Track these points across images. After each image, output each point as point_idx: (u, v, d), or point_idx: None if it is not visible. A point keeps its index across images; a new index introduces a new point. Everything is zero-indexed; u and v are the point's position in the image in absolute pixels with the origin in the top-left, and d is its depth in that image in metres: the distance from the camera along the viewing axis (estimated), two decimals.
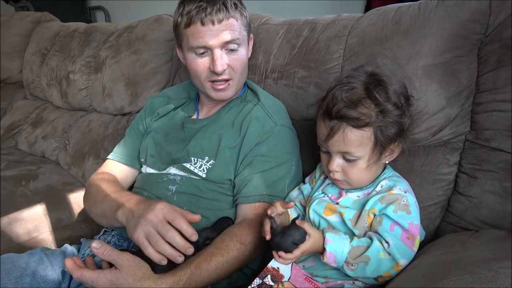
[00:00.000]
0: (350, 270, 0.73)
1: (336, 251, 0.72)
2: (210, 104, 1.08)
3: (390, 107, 0.75)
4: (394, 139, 0.78)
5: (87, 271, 0.74)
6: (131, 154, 1.12)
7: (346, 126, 0.75)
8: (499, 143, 0.85)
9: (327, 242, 0.72)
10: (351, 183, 0.80)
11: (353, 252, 0.72)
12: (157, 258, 0.74)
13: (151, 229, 0.75)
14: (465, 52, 0.90)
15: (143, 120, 1.16)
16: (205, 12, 0.90)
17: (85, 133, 1.59)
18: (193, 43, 0.93)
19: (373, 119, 0.74)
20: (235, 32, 0.94)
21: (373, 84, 0.76)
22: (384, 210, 0.75)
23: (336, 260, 0.72)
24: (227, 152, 0.96)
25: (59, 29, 1.92)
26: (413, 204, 0.77)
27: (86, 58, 1.67)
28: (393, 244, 0.72)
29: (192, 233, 0.75)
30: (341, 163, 0.79)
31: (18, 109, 1.93)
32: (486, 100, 0.88)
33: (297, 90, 1.11)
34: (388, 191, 0.78)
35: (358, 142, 0.75)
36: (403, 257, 0.72)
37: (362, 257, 0.72)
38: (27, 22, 2.05)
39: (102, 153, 1.47)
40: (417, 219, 0.76)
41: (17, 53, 2.02)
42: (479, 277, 0.54)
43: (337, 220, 0.80)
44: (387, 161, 0.82)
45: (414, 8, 0.97)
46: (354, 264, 0.72)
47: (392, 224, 0.74)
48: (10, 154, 1.69)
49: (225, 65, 0.95)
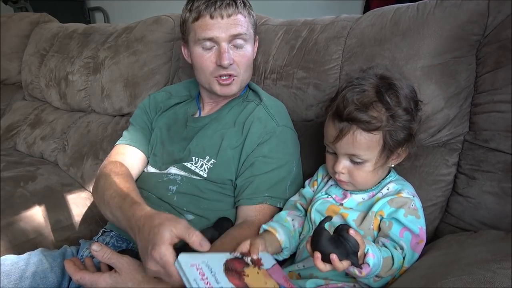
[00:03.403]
0: (375, 281, 0.70)
1: (374, 266, 0.66)
2: (212, 102, 1.08)
3: (400, 111, 0.75)
4: (402, 144, 0.77)
5: (87, 274, 0.74)
6: (142, 140, 1.09)
7: (356, 129, 0.74)
8: (497, 143, 0.86)
9: (370, 258, 0.65)
10: (356, 185, 0.80)
11: (385, 265, 0.68)
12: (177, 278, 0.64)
13: (160, 269, 0.66)
14: (463, 53, 0.91)
15: (148, 113, 1.13)
16: (215, 6, 0.92)
17: (84, 134, 1.59)
18: (201, 35, 0.94)
19: (384, 123, 0.74)
20: (243, 27, 0.95)
21: (385, 88, 0.75)
22: (394, 214, 0.75)
23: (370, 274, 0.66)
24: (229, 152, 0.96)
25: (58, 30, 1.91)
26: (421, 209, 0.77)
27: (85, 59, 1.67)
28: (406, 248, 0.72)
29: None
30: (347, 165, 0.78)
31: (17, 110, 1.93)
32: (485, 101, 0.89)
33: (296, 91, 1.11)
34: (397, 194, 0.77)
35: (367, 145, 0.75)
36: (410, 261, 0.72)
37: (392, 270, 0.70)
38: (26, 23, 2.04)
39: (100, 154, 1.47)
40: (424, 224, 0.76)
41: (16, 54, 2.01)
42: (477, 278, 0.54)
43: (339, 221, 0.80)
44: (393, 165, 0.82)
45: (413, 9, 0.97)
46: (382, 277, 0.69)
47: (402, 229, 0.73)
48: (8, 155, 1.69)
49: (231, 59, 0.95)
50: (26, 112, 1.89)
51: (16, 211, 1.23)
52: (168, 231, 0.66)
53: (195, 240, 0.65)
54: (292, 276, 0.83)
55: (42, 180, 1.42)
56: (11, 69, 2.03)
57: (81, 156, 1.53)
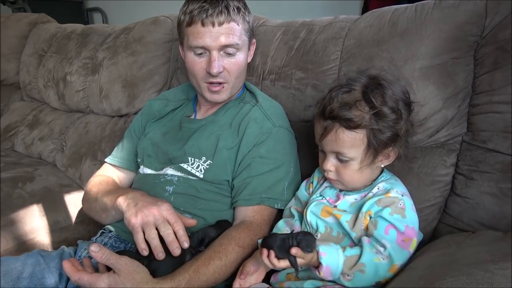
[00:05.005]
0: (347, 280, 0.72)
1: (332, 264, 0.71)
2: (208, 105, 1.08)
3: (386, 110, 0.75)
4: (388, 144, 0.77)
5: (85, 275, 0.74)
6: (128, 158, 1.13)
7: (339, 127, 0.75)
8: (495, 144, 0.86)
9: (321, 256, 0.71)
10: (344, 183, 0.81)
11: (348, 262, 0.72)
12: (141, 246, 0.76)
13: (151, 220, 0.77)
14: (461, 54, 0.91)
15: (140, 122, 1.16)
16: (207, 13, 0.91)
17: (82, 135, 1.59)
18: (192, 43, 0.94)
19: (366, 122, 0.74)
20: (235, 36, 0.94)
21: (371, 87, 0.76)
22: (380, 213, 0.75)
23: (332, 273, 0.71)
24: (225, 153, 0.96)
25: (56, 30, 1.91)
26: (410, 208, 0.77)
27: (83, 59, 1.67)
28: (389, 247, 0.72)
29: (185, 241, 0.77)
30: (335, 163, 0.80)
31: (15, 111, 1.93)
32: (483, 101, 0.89)
33: (295, 91, 1.12)
34: (385, 193, 0.78)
35: (350, 143, 0.76)
36: (400, 258, 0.72)
37: (358, 265, 0.71)
38: (24, 24, 2.04)
39: (99, 155, 1.47)
40: (413, 222, 0.76)
41: (14, 54, 2.01)
42: (476, 278, 0.54)
43: (333, 221, 0.80)
44: (383, 165, 0.82)
45: (411, 10, 0.98)
46: (350, 274, 0.72)
47: (387, 226, 0.74)
48: (6, 155, 1.68)
49: (221, 67, 0.95)
50: (24, 112, 1.89)
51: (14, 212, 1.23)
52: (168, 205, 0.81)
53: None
54: (291, 278, 0.84)
55: (40, 181, 1.42)
56: (9, 70, 2.03)
57: (80, 157, 1.52)
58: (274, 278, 0.86)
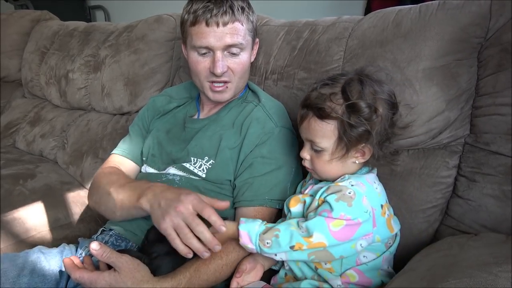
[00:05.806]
0: (266, 247, 0.75)
1: (249, 230, 0.76)
2: (211, 104, 1.08)
3: (360, 104, 0.74)
4: (360, 140, 0.76)
5: (86, 272, 0.73)
6: (135, 151, 1.12)
7: (312, 115, 0.78)
8: (498, 146, 0.86)
9: (240, 223, 0.78)
10: (317, 172, 0.83)
11: (266, 230, 0.76)
12: (184, 251, 0.72)
13: (181, 221, 0.73)
14: (465, 55, 0.91)
15: (146, 118, 1.16)
16: (211, 13, 0.90)
17: (84, 132, 1.59)
18: (196, 43, 0.94)
19: (337, 113, 0.74)
20: (239, 36, 0.94)
21: (352, 83, 0.77)
22: (327, 198, 0.75)
23: (251, 239, 0.76)
24: (227, 153, 0.96)
25: (58, 28, 1.91)
26: (360, 199, 0.73)
27: (85, 57, 1.67)
28: (310, 221, 0.73)
29: (221, 224, 0.72)
30: (310, 152, 0.82)
31: (16, 108, 1.93)
32: (486, 103, 0.89)
33: (297, 91, 1.11)
34: (336, 182, 0.78)
35: (321, 133, 0.77)
36: (319, 231, 0.71)
37: (273, 230, 0.75)
38: (26, 21, 2.04)
39: (100, 153, 1.47)
40: (358, 214, 0.72)
41: (16, 51, 2.01)
42: (479, 280, 0.54)
43: (299, 210, 0.82)
44: (357, 161, 0.80)
45: (415, 11, 0.97)
46: (268, 241, 0.74)
47: (324, 210, 0.74)
48: (8, 152, 1.69)
49: (225, 67, 0.95)
50: (25, 109, 1.89)
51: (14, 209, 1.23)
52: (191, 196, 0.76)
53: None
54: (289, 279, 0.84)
55: (41, 178, 1.42)
56: (11, 67, 2.03)
57: (81, 155, 1.52)
58: (274, 280, 0.87)
